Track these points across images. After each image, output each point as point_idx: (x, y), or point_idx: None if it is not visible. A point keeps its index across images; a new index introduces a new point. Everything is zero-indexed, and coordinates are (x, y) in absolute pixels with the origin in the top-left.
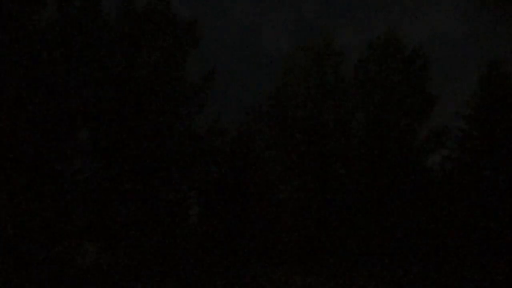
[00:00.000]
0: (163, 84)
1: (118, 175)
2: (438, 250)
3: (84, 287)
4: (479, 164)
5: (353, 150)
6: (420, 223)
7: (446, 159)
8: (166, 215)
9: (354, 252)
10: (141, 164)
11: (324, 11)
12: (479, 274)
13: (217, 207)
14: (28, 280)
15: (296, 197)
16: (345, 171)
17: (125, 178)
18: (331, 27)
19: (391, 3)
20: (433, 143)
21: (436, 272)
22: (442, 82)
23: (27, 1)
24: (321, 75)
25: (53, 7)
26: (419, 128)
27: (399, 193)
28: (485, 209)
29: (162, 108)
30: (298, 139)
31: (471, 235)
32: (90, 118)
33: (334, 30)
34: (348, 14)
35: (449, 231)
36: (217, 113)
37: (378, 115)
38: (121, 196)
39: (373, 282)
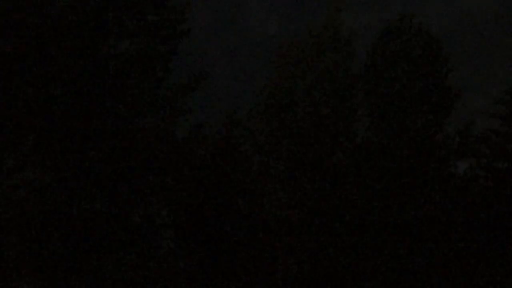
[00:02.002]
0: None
1: (69, 191)
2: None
3: None
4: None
5: (359, 156)
6: (442, 249)
7: (474, 167)
8: (132, 242)
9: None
10: (101, 178)
11: None
12: None
13: (195, 230)
14: None
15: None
16: (352, 183)
17: (79, 196)
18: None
19: None
20: (459, 147)
21: None
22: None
23: None
24: (324, 69)
25: None
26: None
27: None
28: None
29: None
30: (294, 143)
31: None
32: (36, 122)
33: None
34: None
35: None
36: (198, 115)
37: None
38: (73, 218)
39: None
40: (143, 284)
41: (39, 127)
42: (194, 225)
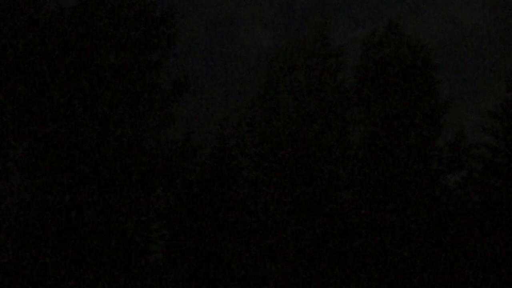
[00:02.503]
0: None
1: (59, 200)
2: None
3: None
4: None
5: (353, 168)
6: (436, 259)
7: (466, 180)
8: (121, 253)
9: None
10: (92, 187)
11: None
12: None
13: (187, 241)
14: None
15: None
16: (345, 195)
17: (69, 204)
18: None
19: None
20: (450, 161)
21: None
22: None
23: None
24: (315, 80)
25: None
26: (431, 142)
27: (409, 221)
28: None
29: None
30: (286, 157)
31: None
32: (28, 128)
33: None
34: (344, 4)
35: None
36: (188, 124)
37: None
38: (64, 227)
39: None
40: None
41: (30, 134)
42: (186, 236)
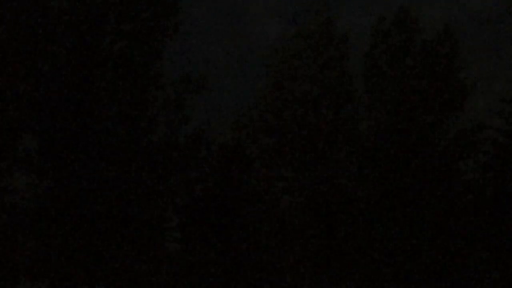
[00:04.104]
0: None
1: (73, 193)
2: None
3: None
4: None
5: (363, 155)
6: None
7: (480, 166)
8: (138, 241)
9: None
10: (105, 180)
11: None
12: None
13: (201, 230)
14: None
15: (296, 215)
16: (355, 182)
17: (82, 197)
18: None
19: None
20: (465, 146)
21: None
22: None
23: None
24: (321, 68)
25: None
26: (448, 128)
27: (421, 209)
28: None
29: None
30: (295, 147)
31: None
32: (36, 122)
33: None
34: None
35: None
36: (200, 115)
37: (394, 113)
38: (78, 219)
39: None
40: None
41: (35, 128)
42: (200, 226)
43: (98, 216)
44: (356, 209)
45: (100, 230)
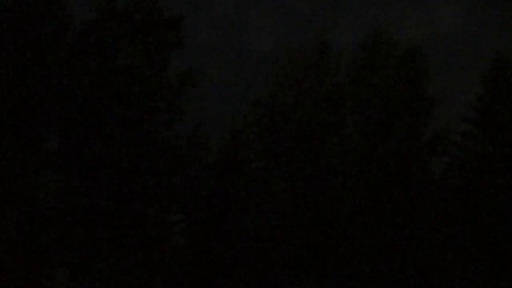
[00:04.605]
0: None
1: (90, 190)
2: (440, 262)
3: None
4: (484, 172)
5: (349, 158)
6: (423, 233)
7: (449, 166)
8: (145, 235)
9: (352, 268)
10: (117, 178)
11: (314, 6)
12: None
13: (203, 225)
14: None
15: (288, 211)
16: (341, 181)
17: (98, 194)
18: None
19: None
20: (436, 149)
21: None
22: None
23: None
24: (315, 80)
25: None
26: (420, 133)
27: (399, 203)
28: (491, 219)
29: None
30: (289, 149)
31: (477, 247)
32: (59, 127)
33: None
34: (341, 9)
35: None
36: (198, 120)
37: (374, 120)
38: (94, 213)
39: None
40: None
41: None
42: (204, 222)
43: (110, 213)
44: (345, 208)
45: (113, 226)
